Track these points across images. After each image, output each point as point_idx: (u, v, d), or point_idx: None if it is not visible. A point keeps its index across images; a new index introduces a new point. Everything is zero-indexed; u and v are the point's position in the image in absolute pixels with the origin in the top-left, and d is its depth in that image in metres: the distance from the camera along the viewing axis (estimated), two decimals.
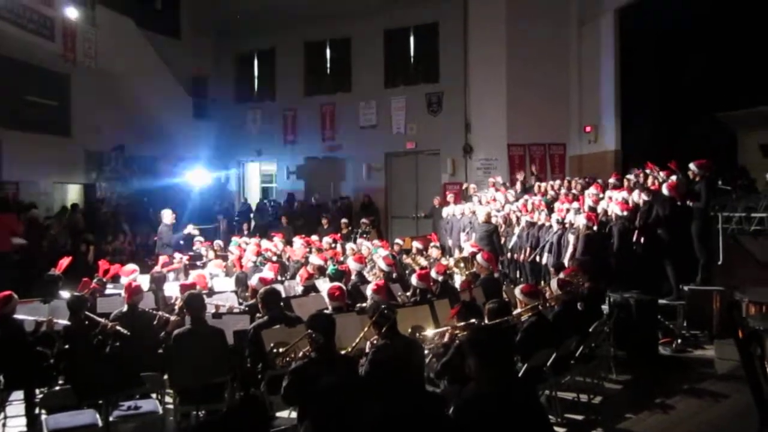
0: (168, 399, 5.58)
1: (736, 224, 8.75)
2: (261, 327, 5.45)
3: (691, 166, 9.13)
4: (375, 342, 4.78)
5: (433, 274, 7.66)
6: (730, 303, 6.95)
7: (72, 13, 14.43)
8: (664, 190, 9.02)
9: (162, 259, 9.58)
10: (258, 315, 6.07)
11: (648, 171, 10.85)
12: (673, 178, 9.48)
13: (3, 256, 10.94)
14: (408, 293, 7.85)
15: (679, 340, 8.22)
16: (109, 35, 15.73)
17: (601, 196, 10.72)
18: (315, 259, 9.15)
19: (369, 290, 6.59)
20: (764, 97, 11.31)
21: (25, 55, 14.43)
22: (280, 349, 4.85)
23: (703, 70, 12.28)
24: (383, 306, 4.91)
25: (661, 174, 10.27)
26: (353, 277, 8.34)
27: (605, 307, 7.99)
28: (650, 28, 13.77)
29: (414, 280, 7.36)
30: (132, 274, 8.02)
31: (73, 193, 17.16)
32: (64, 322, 5.97)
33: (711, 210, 8.93)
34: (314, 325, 4.33)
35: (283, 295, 7.08)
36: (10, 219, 11.41)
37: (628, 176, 11.37)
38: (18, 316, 5.94)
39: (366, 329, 4.94)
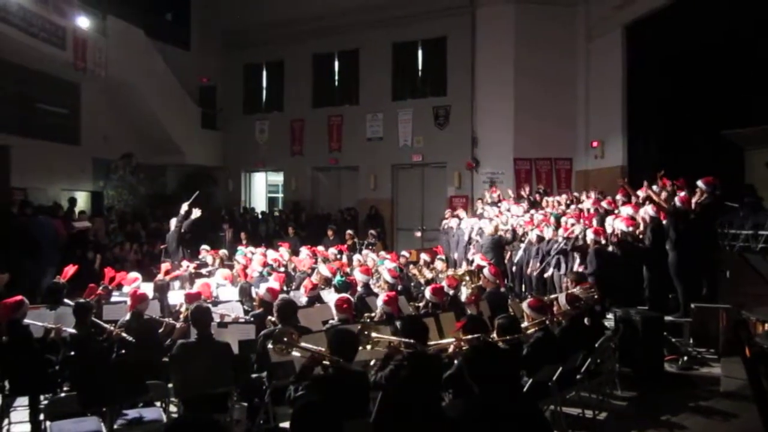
0: (172, 408, 5.57)
1: (743, 242, 8.71)
2: (269, 336, 5.43)
3: (699, 183, 9.13)
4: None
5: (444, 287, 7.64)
6: (737, 321, 6.90)
7: (83, 22, 14.58)
8: (676, 202, 9.01)
9: (164, 266, 9.58)
10: (268, 319, 6.11)
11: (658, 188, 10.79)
12: (683, 192, 9.46)
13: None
14: (415, 304, 7.85)
15: (685, 358, 8.16)
16: (119, 45, 15.88)
17: (615, 211, 10.69)
18: (324, 270, 9.13)
19: (379, 301, 6.57)
20: None
21: (36, 64, 14.56)
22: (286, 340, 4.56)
23: (711, 87, 12.26)
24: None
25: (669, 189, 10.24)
26: (359, 288, 8.32)
27: (611, 323, 7.96)
28: (658, 44, 13.79)
29: (427, 293, 7.30)
30: (134, 283, 8.01)
31: (80, 201, 17.23)
32: (71, 330, 5.97)
33: (718, 227, 8.92)
34: (340, 349, 4.24)
35: None
36: (59, 224, 12.27)
37: (638, 192, 11.29)
38: (27, 321, 5.95)
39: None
